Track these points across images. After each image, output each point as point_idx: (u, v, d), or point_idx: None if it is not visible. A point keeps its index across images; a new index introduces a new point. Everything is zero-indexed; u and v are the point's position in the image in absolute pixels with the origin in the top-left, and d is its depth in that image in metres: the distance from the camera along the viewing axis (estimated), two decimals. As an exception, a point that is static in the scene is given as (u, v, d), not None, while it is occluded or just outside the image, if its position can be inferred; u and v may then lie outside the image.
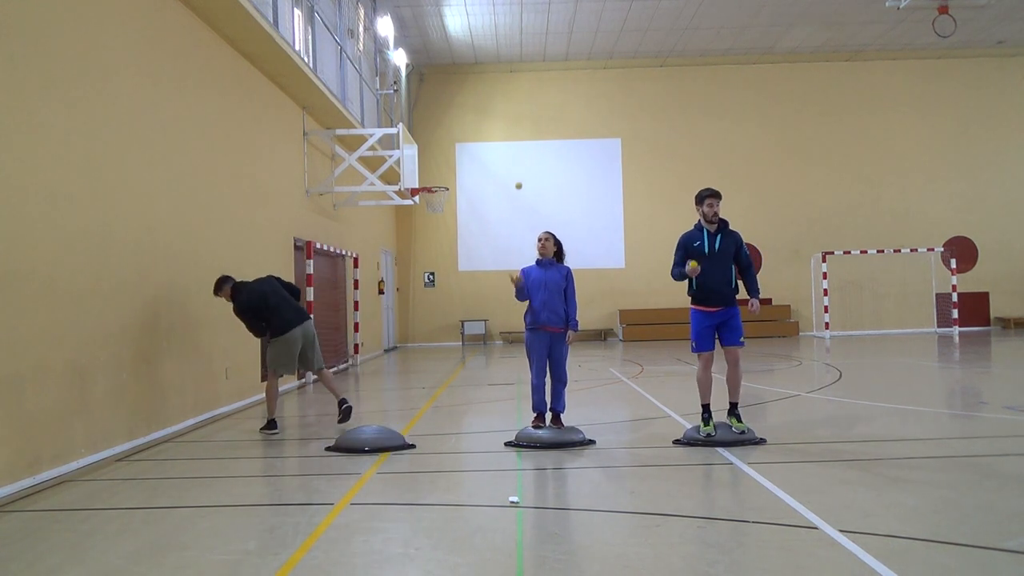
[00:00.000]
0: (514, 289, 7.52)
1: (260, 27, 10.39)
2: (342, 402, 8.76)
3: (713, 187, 7.24)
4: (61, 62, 6.78)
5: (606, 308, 24.21)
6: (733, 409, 7.15)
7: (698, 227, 7.21)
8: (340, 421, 8.71)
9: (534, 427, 7.38)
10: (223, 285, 8.62)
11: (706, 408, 7.13)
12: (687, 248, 7.16)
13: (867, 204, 24.50)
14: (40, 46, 6.47)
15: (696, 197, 7.27)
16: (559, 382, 7.52)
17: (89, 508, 5.50)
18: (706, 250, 7.06)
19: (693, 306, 7.21)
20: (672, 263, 7.22)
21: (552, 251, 7.57)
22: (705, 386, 7.20)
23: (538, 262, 7.58)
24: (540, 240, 7.59)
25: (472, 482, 6.26)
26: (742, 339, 7.13)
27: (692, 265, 6.92)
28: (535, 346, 7.47)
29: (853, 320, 23.99)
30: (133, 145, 7.99)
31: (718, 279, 7.06)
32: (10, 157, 6.04)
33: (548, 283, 7.43)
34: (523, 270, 7.59)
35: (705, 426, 7.02)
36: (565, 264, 7.66)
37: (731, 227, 7.27)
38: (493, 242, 24.02)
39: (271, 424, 8.49)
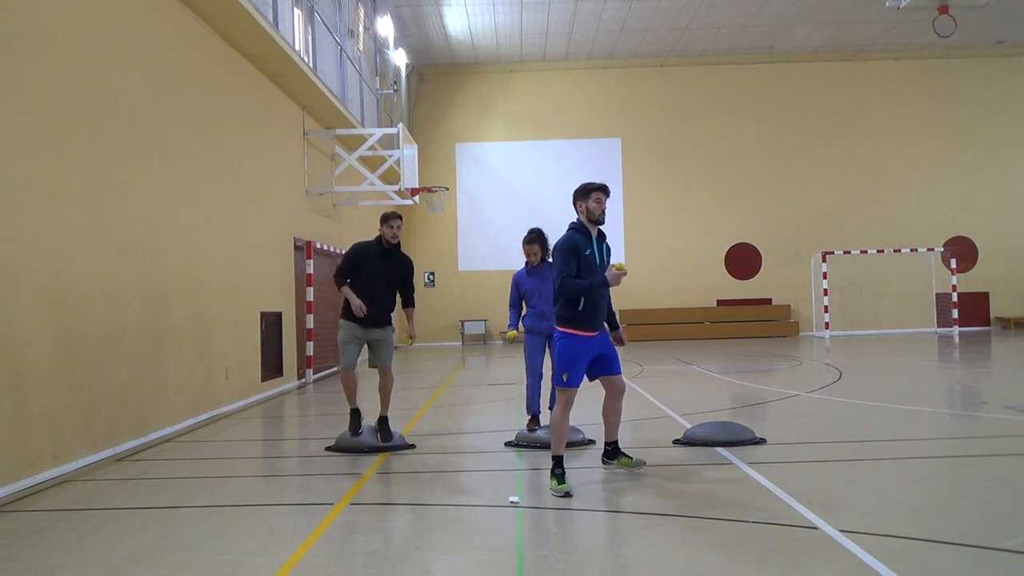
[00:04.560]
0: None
1: (260, 27, 10.39)
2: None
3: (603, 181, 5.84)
4: (61, 62, 6.78)
5: (606, 308, 24.18)
6: (616, 449, 6.08)
7: (582, 231, 5.67)
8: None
9: (529, 430, 7.36)
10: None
11: (560, 461, 5.56)
12: (580, 256, 5.55)
13: (867, 204, 24.51)
14: (40, 46, 6.47)
15: (579, 191, 5.71)
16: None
17: (89, 508, 5.50)
18: (597, 260, 5.65)
19: (567, 329, 5.62)
20: (561, 276, 5.51)
21: (540, 255, 7.34)
22: (563, 433, 5.67)
23: (528, 268, 7.45)
24: (527, 252, 7.33)
25: (472, 482, 6.25)
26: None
27: (618, 266, 5.50)
28: (533, 349, 7.44)
29: (853, 320, 24.00)
30: (133, 145, 7.98)
31: (606, 296, 5.79)
32: (10, 156, 6.04)
33: (542, 292, 7.27)
34: (515, 277, 7.48)
35: (561, 484, 5.44)
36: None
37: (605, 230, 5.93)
38: (493, 242, 24.00)
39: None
